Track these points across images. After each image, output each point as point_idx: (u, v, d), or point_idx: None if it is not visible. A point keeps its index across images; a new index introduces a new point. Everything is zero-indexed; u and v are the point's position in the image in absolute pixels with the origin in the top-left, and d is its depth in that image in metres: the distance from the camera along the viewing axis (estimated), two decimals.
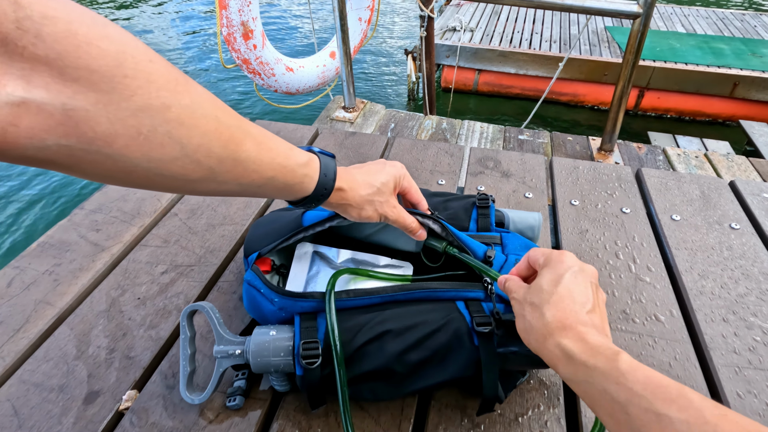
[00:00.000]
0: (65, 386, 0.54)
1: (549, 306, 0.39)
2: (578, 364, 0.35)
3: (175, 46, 5.24)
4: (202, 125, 0.33)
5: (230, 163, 0.36)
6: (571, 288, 0.40)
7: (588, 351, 0.35)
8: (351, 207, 0.48)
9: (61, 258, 0.71)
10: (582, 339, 0.36)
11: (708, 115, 3.83)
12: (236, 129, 0.36)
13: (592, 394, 0.34)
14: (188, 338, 0.51)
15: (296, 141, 1.01)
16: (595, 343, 0.36)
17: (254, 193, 0.40)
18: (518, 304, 0.43)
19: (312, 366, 0.45)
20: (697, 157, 1.71)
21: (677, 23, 4.84)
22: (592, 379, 0.34)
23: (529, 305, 0.41)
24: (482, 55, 3.98)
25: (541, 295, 0.40)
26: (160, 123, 0.30)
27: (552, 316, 0.38)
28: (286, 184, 0.41)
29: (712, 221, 0.80)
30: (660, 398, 0.30)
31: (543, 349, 0.39)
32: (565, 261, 0.42)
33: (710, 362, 0.57)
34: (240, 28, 2.01)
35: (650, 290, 0.67)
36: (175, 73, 0.31)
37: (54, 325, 0.62)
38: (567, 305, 0.39)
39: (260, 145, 0.38)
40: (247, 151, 0.37)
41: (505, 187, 0.88)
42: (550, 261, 0.43)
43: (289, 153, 0.41)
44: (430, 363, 0.47)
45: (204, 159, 0.34)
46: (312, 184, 0.43)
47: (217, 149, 0.34)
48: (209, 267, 0.70)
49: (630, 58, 1.50)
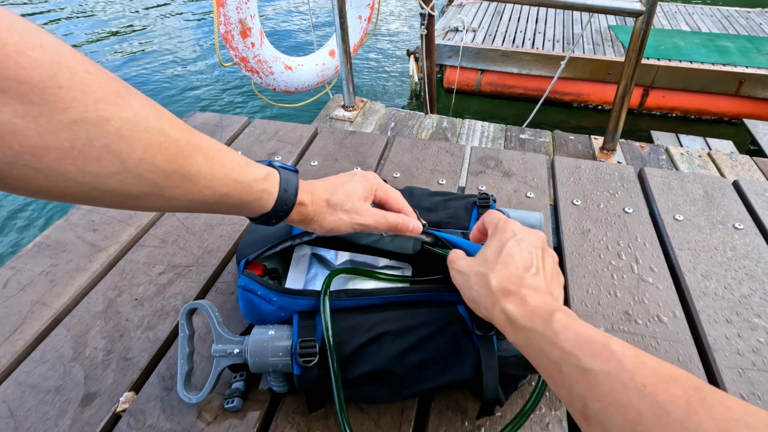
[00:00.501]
0: (62, 388, 0.54)
1: (494, 273, 0.40)
2: (519, 328, 0.37)
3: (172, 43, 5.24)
4: (144, 139, 0.31)
5: (177, 178, 0.34)
6: (514, 254, 0.41)
7: (528, 314, 0.37)
8: (314, 222, 0.46)
9: (57, 258, 0.71)
10: (523, 302, 0.38)
11: (713, 114, 3.83)
12: (185, 143, 0.34)
13: (533, 357, 0.36)
14: (187, 336, 0.51)
15: (295, 140, 1.02)
16: (535, 305, 0.37)
17: (208, 210, 0.39)
18: (460, 276, 0.44)
19: (308, 364, 0.46)
20: (700, 156, 1.71)
21: (681, 21, 4.84)
22: (532, 342, 0.35)
23: (475, 274, 0.42)
24: (485, 55, 3.99)
25: (487, 264, 0.42)
26: (97, 136, 0.29)
27: (497, 282, 0.40)
28: (241, 200, 0.39)
29: (715, 221, 0.80)
30: (587, 353, 0.32)
31: (492, 316, 0.40)
32: (508, 229, 0.44)
33: (713, 364, 0.58)
34: (238, 25, 2.01)
35: (653, 291, 0.67)
36: (116, 85, 0.30)
37: (50, 326, 0.62)
38: (511, 271, 0.40)
39: (212, 159, 0.36)
40: (196, 165, 0.35)
41: (506, 187, 0.88)
42: (497, 230, 0.44)
43: (245, 168, 0.39)
44: (430, 365, 0.47)
45: (147, 174, 0.32)
46: (271, 200, 0.41)
47: (162, 164, 0.33)
48: (207, 267, 0.70)
49: (633, 56, 1.51)
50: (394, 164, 0.94)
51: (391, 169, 0.92)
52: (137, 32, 5.51)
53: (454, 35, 4.21)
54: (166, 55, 4.97)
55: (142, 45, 5.18)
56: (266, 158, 0.96)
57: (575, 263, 0.71)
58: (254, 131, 1.05)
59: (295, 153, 0.97)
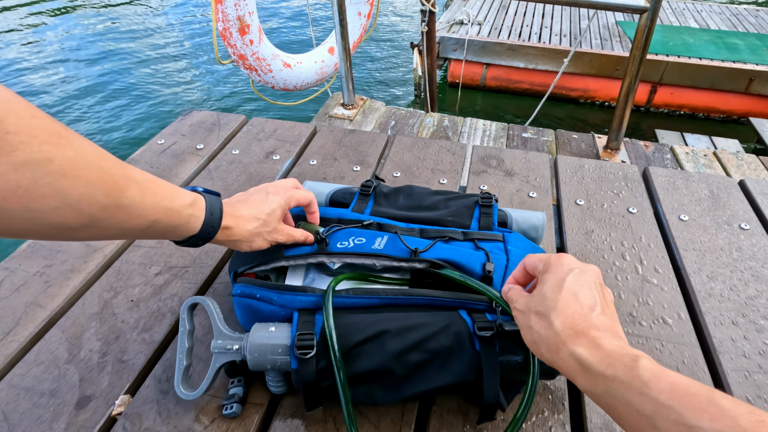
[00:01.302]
0: (56, 391, 0.54)
1: (556, 313, 0.38)
2: (596, 375, 0.34)
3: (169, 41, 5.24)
4: (85, 175, 0.34)
5: (113, 209, 0.37)
6: (576, 291, 0.39)
7: (605, 359, 0.34)
8: (240, 242, 0.51)
9: (52, 259, 0.71)
10: (597, 345, 0.35)
11: (722, 112, 3.82)
12: (120, 177, 0.38)
13: (615, 407, 0.33)
14: (187, 331, 0.51)
15: (294, 139, 1.02)
16: (612, 349, 0.34)
17: (137, 236, 0.42)
18: (521, 315, 0.41)
19: (306, 356, 0.46)
20: (705, 155, 1.71)
21: (690, 18, 4.84)
22: (613, 391, 0.33)
23: (535, 314, 0.40)
24: (490, 49, 3.98)
25: (546, 303, 0.39)
26: (42, 175, 0.32)
27: (561, 323, 0.37)
28: (171, 225, 0.43)
29: (721, 221, 0.80)
30: (689, 408, 0.29)
31: (557, 360, 0.37)
32: (564, 264, 0.41)
33: (719, 366, 0.58)
34: (236, 22, 2.01)
35: (658, 292, 0.67)
36: (57, 127, 0.33)
37: (45, 327, 0.62)
38: (575, 310, 0.38)
39: (144, 190, 0.40)
40: (131, 197, 0.38)
41: (508, 187, 0.88)
42: (550, 266, 0.42)
43: (173, 195, 0.43)
44: (430, 366, 0.48)
45: (86, 207, 0.35)
46: (198, 223, 0.46)
47: (101, 197, 0.36)
48: (204, 268, 0.70)
49: (637, 53, 1.51)
50: (394, 163, 0.94)
51: (392, 168, 0.93)
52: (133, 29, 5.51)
53: (459, 28, 4.21)
54: (163, 52, 4.97)
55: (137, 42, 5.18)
56: (265, 157, 0.96)
57: None
58: (252, 130, 1.05)
59: (294, 152, 0.98)
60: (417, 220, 0.65)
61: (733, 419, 0.27)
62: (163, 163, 0.93)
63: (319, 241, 0.58)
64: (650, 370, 0.32)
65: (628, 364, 0.33)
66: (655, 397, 0.30)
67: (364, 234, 0.59)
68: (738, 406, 0.28)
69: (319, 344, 0.47)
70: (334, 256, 0.55)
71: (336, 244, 0.58)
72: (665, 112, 3.94)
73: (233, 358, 0.49)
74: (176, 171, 0.91)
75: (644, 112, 3.96)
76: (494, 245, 0.59)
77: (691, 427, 0.28)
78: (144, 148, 0.98)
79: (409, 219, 0.65)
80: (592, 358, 0.34)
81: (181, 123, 1.07)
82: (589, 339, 0.36)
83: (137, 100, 4.09)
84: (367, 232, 0.60)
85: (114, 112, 3.89)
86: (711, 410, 0.28)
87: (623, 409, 0.32)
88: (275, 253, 0.58)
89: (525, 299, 0.42)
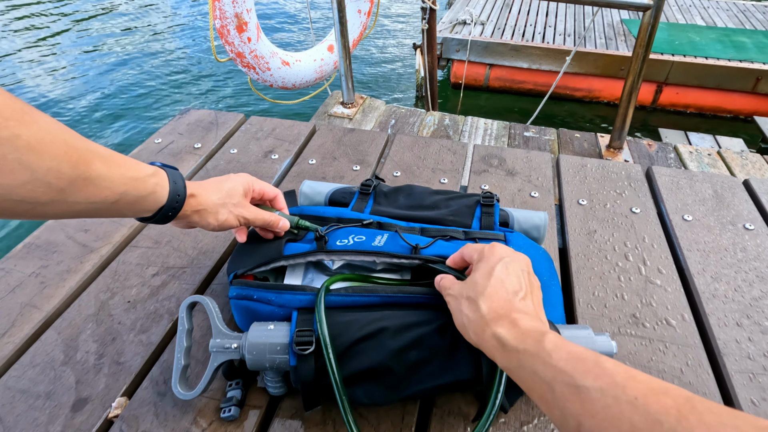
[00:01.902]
0: (52, 393, 0.54)
1: (483, 298, 0.42)
2: (511, 350, 0.38)
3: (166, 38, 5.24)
4: (51, 150, 0.36)
5: (81, 182, 0.39)
6: (503, 278, 0.43)
7: (519, 336, 0.38)
8: (207, 212, 0.52)
9: (48, 259, 0.71)
10: (514, 325, 0.39)
11: (729, 111, 3.82)
12: (84, 150, 0.39)
13: (524, 379, 0.36)
14: (185, 330, 0.51)
15: (292, 138, 1.02)
16: (526, 327, 0.38)
17: (108, 211, 0.43)
18: (454, 300, 0.45)
19: (304, 352, 0.46)
20: (709, 154, 1.71)
21: (696, 16, 4.84)
22: (523, 363, 0.36)
23: (466, 299, 0.43)
24: (493, 49, 3.98)
25: (476, 288, 0.43)
26: (10, 151, 0.33)
27: (487, 307, 0.41)
28: (138, 196, 0.45)
29: (725, 221, 0.80)
30: (579, 371, 0.33)
31: (482, 342, 0.41)
32: (496, 253, 0.46)
33: (723, 368, 0.58)
34: (234, 20, 2.01)
35: (661, 293, 0.67)
36: (19, 104, 0.34)
37: (41, 329, 0.62)
38: (501, 295, 0.42)
39: (109, 162, 0.41)
40: (97, 170, 0.40)
41: (510, 186, 0.88)
42: (483, 255, 0.46)
43: (137, 166, 0.45)
44: (429, 363, 0.48)
45: (54, 181, 0.37)
46: (164, 192, 0.47)
47: (68, 170, 0.38)
48: (202, 269, 0.70)
49: (640, 51, 1.51)
50: (394, 162, 0.94)
51: (392, 168, 0.93)
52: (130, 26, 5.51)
53: (462, 28, 4.21)
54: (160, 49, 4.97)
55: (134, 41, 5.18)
56: (263, 156, 0.96)
57: (581, 265, 0.71)
58: (250, 128, 1.05)
59: (293, 151, 0.98)
60: (417, 219, 0.65)
61: (611, 377, 0.31)
62: (161, 162, 0.93)
63: (318, 238, 0.58)
64: (554, 342, 0.36)
65: (536, 338, 0.37)
66: (554, 365, 0.34)
67: (364, 232, 0.60)
68: (617, 366, 0.32)
69: (318, 340, 0.47)
70: (334, 254, 0.55)
71: (335, 242, 0.58)
72: (671, 111, 3.94)
73: (232, 357, 0.49)
74: None
75: (650, 111, 3.95)
76: None
77: (578, 386, 0.32)
78: (141, 147, 0.98)
79: (409, 218, 0.65)
80: (509, 336, 0.38)
81: (179, 122, 1.07)
82: (509, 320, 0.40)
83: (133, 98, 4.09)
84: (367, 231, 0.60)
85: (109, 110, 3.89)
86: (595, 371, 0.32)
87: (530, 380, 0.36)
88: (273, 254, 0.58)
89: (458, 286, 0.46)
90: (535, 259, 0.59)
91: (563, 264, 0.74)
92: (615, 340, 0.61)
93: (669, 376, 0.56)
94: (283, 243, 0.59)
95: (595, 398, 0.31)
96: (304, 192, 0.72)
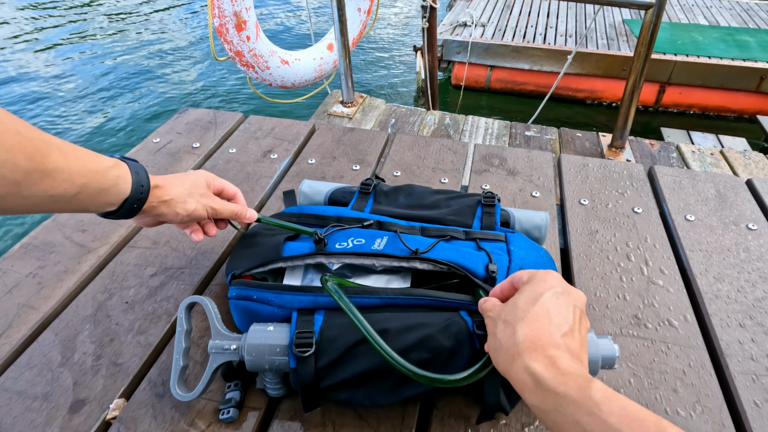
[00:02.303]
0: (50, 394, 0.54)
1: (522, 324, 0.38)
2: (547, 391, 0.34)
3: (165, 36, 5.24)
4: (4, 140, 0.35)
5: (37, 175, 0.37)
6: (549, 308, 0.39)
7: (558, 377, 0.34)
8: (174, 202, 0.51)
9: (45, 260, 0.71)
10: (553, 363, 0.35)
11: (733, 111, 3.82)
12: (40, 141, 0.38)
13: (562, 425, 0.33)
14: (184, 331, 0.51)
15: (292, 137, 1.02)
16: (567, 369, 0.34)
17: (68, 205, 0.42)
18: (491, 322, 0.42)
19: (304, 354, 0.46)
20: (712, 154, 1.71)
21: (699, 15, 4.84)
22: (563, 409, 0.33)
23: (503, 322, 0.40)
24: (494, 51, 3.98)
25: (516, 312, 0.39)
26: None
27: (524, 335, 0.37)
28: (99, 189, 0.43)
29: (728, 221, 0.80)
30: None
31: (510, 371, 0.37)
32: (548, 280, 0.41)
33: (726, 369, 0.58)
34: (233, 18, 2.01)
35: (663, 294, 0.67)
36: None
37: (38, 330, 0.62)
38: (542, 325, 0.38)
39: (66, 154, 0.40)
40: (54, 161, 0.39)
41: (511, 186, 0.88)
42: (533, 279, 0.42)
43: (96, 158, 0.43)
44: (430, 366, 0.48)
45: (9, 174, 0.35)
46: (126, 185, 0.46)
47: (23, 162, 0.36)
48: (201, 269, 0.70)
49: (642, 50, 1.51)
50: (394, 162, 0.94)
51: (392, 168, 0.93)
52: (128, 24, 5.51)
53: (462, 30, 4.21)
54: (158, 48, 4.97)
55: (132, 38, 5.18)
56: (262, 156, 0.96)
57: (582, 265, 0.71)
58: (249, 128, 1.05)
59: (292, 150, 0.98)
60: (418, 219, 0.65)
61: None
62: (159, 162, 0.93)
63: (317, 241, 0.58)
64: (602, 392, 0.32)
65: (581, 384, 0.33)
66: (604, 419, 0.31)
67: (364, 235, 0.59)
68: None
69: (318, 343, 0.47)
70: (333, 257, 0.55)
71: (335, 244, 0.58)
72: (674, 112, 3.94)
73: (231, 359, 0.49)
74: (172, 170, 0.91)
75: (653, 111, 3.95)
76: (496, 245, 0.59)
77: None
78: (139, 147, 0.98)
79: (409, 217, 0.65)
80: (546, 375, 0.34)
81: (177, 121, 1.07)
82: (546, 356, 0.36)
83: (131, 97, 4.09)
84: (367, 233, 0.60)
85: (107, 110, 3.89)
86: None
87: (570, 428, 0.32)
88: (272, 254, 0.58)
89: (499, 308, 0.42)
90: (536, 260, 0.59)
91: (565, 264, 0.74)
92: (617, 341, 0.61)
93: (671, 378, 0.56)
94: (282, 242, 0.59)
95: None
96: (304, 191, 0.72)
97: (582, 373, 0.34)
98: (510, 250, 0.58)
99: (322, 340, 0.48)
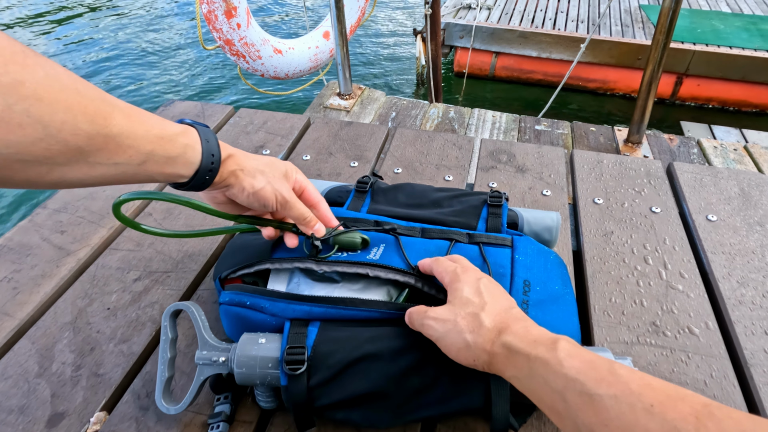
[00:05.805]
0: (26, 407, 0.54)
1: (485, 312, 0.43)
2: (522, 357, 0.38)
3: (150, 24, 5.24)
4: (63, 99, 0.33)
5: (101, 140, 0.36)
6: (494, 291, 0.46)
7: (531, 342, 0.39)
8: (245, 174, 0.49)
9: (21, 263, 0.71)
10: (526, 331, 0.40)
11: (755, 106, 3.80)
12: (100, 102, 0.36)
13: (535, 389, 0.37)
14: (169, 340, 0.51)
15: (285, 132, 1.02)
16: (537, 333, 0.40)
17: (135, 175, 0.40)
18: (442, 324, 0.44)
19: (296, 372, 0.46)
20: (735, 149, 1.71)
21: (721, 2, 4.83)
22: (535, 371, 0.37)
23: (465, 317, 0.43)
24: (500, 36, 3.97)
25: (473, 304, 0.44)
26: (15, 101, 0.30)
27: (491, 321, 0.42)
28: (167, 157, 0.42)
29: (752, 222, 0.80)
30: (592, 379, 0.34)
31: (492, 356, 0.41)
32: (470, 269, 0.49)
33: (750, 380, 0.58)
34: (222, 4, 2.01)
35: (683, 299, 0.67)
36: (19, 46, 0.31)
37: (13, 338, 0.62)
38: (501, 305, 0.44)
39: (130, 117, 0.38)
40: (118, 125, 0.37)
41: (520, 184, 0.88)
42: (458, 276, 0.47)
43: (163, 124, 0.42)
44: (433, 390, 0.47)
45: (71, 138, 0.34)
46: (196, 154, 0.44)
47: (85, 125, 0.34)
48: (188, 273, 0.70)
49: (660, 38, 1.51)
50: (395, 158, 0.94)
51: (392, 164, 0.93)
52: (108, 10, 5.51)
53: (466, 13, 4.20)
54: (142, 36, 4.97)
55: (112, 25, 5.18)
56: (254, 152, 0.96)
57: (596, 269, 0.71)
58: (240, 122, 1.05)
59: (286, 146, 0.98)
60: (418, 219, 0.65)
61: (626, 384, 0.32)
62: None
63: (312, 246, 0.58)
64: (566, 349, 0.37)
65: (549, 345, 0.38)
66: (565, 373, 0.35)
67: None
68: (632, 374, 0.33)
69: (311, 359, 0.47)
70: (325, 264, 0.55)
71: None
72: (692, 105, 3.93)
73: (219, 371, 0.49)
74: None
75: (669, 104, 3.94)
76: (500, 252, 0.59)
77: (592, 395, 0.33)
78: None
79: (409, 218, 0.65)
80: (521, 342, 0.39)
81: (162, 114, 1.07)
82: (517, 327, 0.41)
83: (109, 87, 4.08)
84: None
85: None
86: (609, 378, 0.33)
87: (541, 389, 0.36)
88: (262, 255, 0.58)
89: (443, 309, 0.45)
90: (545, 266, 0.59)
91: (577, 268, 0.74)
92: (633, 350, 0.61)
93: (692, 389, 0.56)
94: (271, 243, 0.60)
95: (609, 407, 0.32)
96: None
97: (549, 336, 0.39)
98: (514, 259, 0.58)
99: (315, 356, 0.47)
